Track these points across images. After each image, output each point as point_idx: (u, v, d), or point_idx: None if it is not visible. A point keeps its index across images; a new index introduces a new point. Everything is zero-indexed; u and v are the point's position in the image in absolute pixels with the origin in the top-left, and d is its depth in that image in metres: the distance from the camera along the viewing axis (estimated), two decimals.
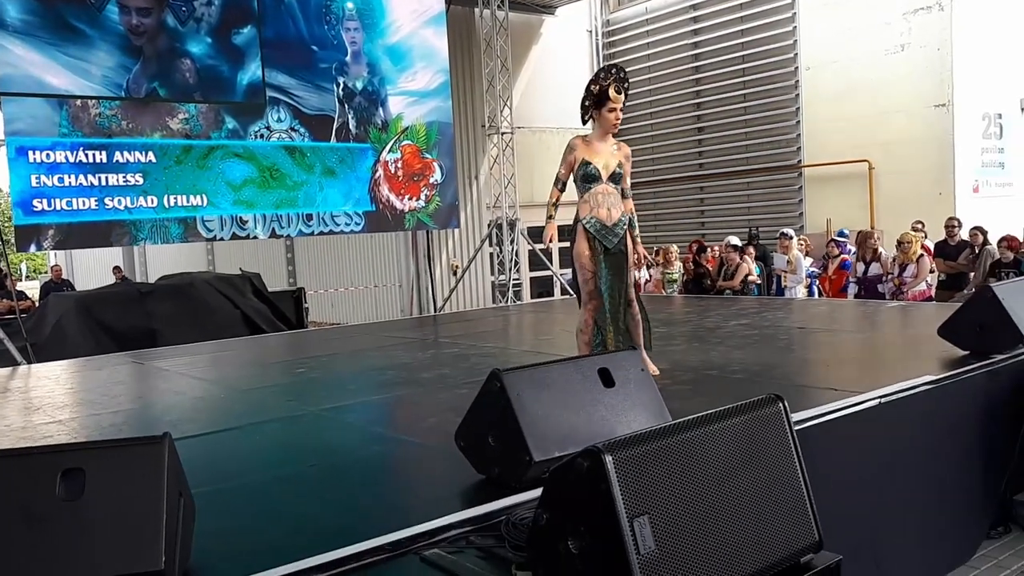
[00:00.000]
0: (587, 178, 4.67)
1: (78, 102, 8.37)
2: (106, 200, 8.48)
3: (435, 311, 12.79)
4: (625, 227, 4.74)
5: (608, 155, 4.73)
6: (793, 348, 5.89)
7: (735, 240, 10.69)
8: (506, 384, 2.85)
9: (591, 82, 4.72)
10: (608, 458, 1.91)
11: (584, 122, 4.83)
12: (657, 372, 4.68)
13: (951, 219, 9.87)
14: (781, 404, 2.33)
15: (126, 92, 8.67)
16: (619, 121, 4.72)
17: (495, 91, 12.45)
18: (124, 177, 8.65)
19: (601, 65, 16.57)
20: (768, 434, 2.26)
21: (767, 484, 2.19)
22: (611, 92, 4.61)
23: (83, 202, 8.34)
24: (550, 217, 4.85)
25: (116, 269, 15.60)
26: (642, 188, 15.51)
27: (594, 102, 4.68)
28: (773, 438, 2.27)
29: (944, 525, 4.09)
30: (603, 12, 16.81)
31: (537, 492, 2.32)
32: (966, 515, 4.21)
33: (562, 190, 4.83)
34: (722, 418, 2.20)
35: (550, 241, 4.83)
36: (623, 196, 4.79)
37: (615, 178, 4.72)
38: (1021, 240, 8.77)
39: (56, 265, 16.89)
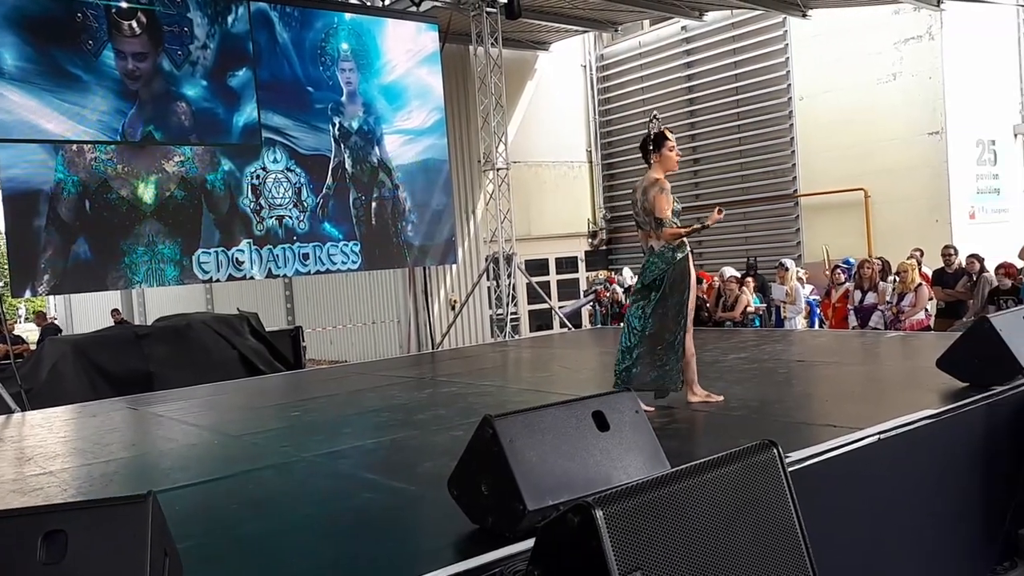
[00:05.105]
0: (676, 213, 4.84)
1: (74, 147, 8.41)
2: (101, 243, 8.49)
3: (433, 347, 12.75)
4: None
5: None
6: (792, 382, 5.85)
7: (731, 271, 10.67)
8: (498, 430, 2.81)
9: (647, 135, 4.85)
10: (599, 513, 1.87)
11: (649, 164, 4.85)
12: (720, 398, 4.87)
13: (948, 247, 9.85)
14: (775, 450, 2.29)
15: (122, 136, 8.71)
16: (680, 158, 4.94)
17: (490, 127, 12.52)
18: (119, 220, 8.66)
19: (596, 100, 16.77)
20: (763, 482, 2.22)
21: (763, 534, 2.14)
22: (667, 133, 4.83)
23: (78, 246, 8.34)
24: (689, 228, 4.79)
25: (115, 312, 15.61)
26: None
27: (655, 146, 4.78)
28: (768, 486, 2.23)
29: (947, 562, 4.02)
30: (597, 47, 16.96)
31: (532, 542, 2.27)
32: (970, 551, 4.15)
33: None
34: (715, 467, 2.16)
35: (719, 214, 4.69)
36: None
37: None
38: (1018, 268, 8.74)
39: (39, 311, 16.92)
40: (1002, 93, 12.83)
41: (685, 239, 4.78)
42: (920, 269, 9.47)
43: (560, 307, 14.38)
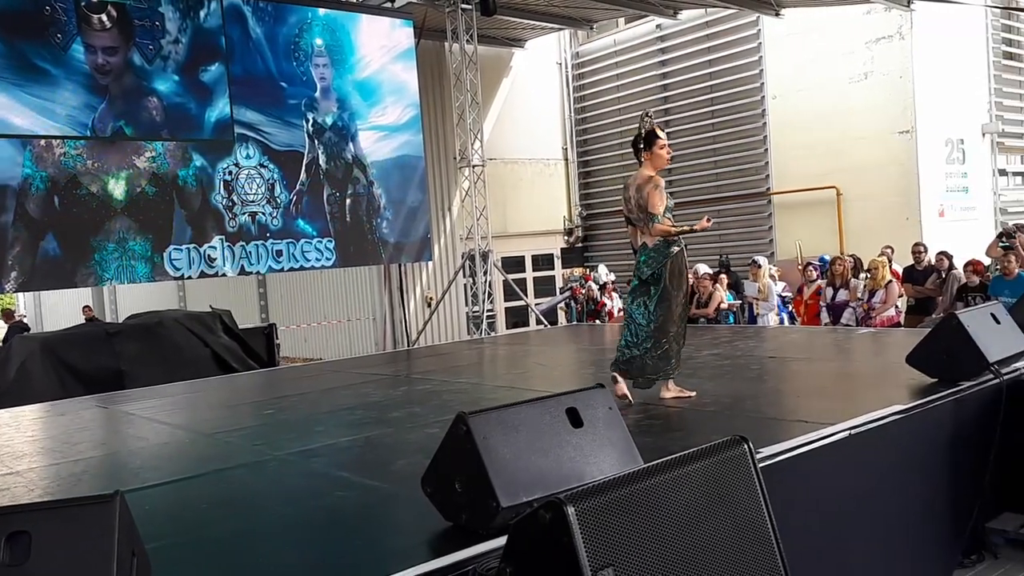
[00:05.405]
0: (669, 210, 4.88)
1: (42, 142, 8.28)
2: (70, 240, 8.36)
3: (409, 344, 12.71)
4: None
5: None
6: (765, 378, 5.89)
7: (704, 268, 10.73)
8: (472, 427, 2.80)
9: (638, 133, 4.88)
10: (570, 509, 1.87)
11: (640, 162, 4.88)
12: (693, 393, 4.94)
13: (917, 244, 9.98)
14: (746, 445, 2.30)
15: (92, 131, 8.60)
16: (671, 156, 4.95)
17: (466, 124, 12.50)
18: (89, 216, 8.54)
19: (572, 97, 16.79)
20: (734, 477, 2.23)
21: (734, 529, 2.16)
22: (658, 131, 4.82)
23: (47, 242, 8.22)
24: (679, 229, 4.81)
25: (86, 308, 15.40)
26: (613, 218, 15.60)
27: (647, 144, 4.81)
28: (739, 481, 2.24)
29: (916, 555, 4.07)
30: (572, 44, 16.98)
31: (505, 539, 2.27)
32: (938, 544, 4.20)
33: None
34: (687, 462, 2.17)
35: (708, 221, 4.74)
36: None
37: None
38: (985, 265, 8.87)
39: (7, 308, 16.70)
40: (971, 92, 13.02)
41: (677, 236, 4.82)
42: (890, 266, 9.58)
43: (536, 304, 14.40)
